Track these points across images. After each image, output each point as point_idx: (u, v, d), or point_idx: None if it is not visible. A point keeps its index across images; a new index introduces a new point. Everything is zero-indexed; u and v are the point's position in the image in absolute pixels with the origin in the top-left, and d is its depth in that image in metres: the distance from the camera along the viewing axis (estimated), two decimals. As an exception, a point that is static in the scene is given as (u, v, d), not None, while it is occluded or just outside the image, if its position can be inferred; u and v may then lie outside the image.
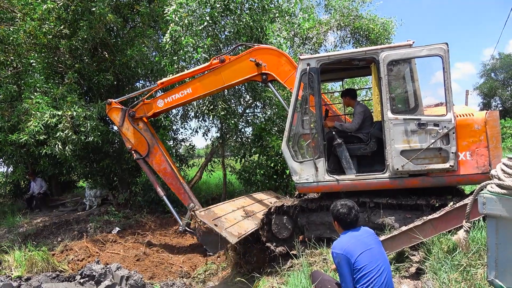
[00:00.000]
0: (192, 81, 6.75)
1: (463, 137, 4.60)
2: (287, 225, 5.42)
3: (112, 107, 7.20)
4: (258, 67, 6.06)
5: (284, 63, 6.02)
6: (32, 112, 7.60)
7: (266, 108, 11.09)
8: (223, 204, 6.20)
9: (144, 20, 9.73)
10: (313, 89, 5.09)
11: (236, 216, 5.79)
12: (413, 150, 4.67)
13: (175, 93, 6.74)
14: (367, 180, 4.96)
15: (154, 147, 7.02)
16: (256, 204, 6.73)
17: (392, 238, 4.18)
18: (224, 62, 6.29)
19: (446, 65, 4.51)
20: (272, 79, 6.17)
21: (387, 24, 13.28)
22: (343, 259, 2.91)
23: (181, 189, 7.01)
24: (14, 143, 8.14)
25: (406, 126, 4.68)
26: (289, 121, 5.22)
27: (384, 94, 4.75)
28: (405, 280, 3.95)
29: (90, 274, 4.79)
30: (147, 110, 6.98)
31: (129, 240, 7.85)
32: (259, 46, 6.32)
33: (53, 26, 8.56)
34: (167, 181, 7.10)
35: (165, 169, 7.04)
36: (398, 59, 4.80)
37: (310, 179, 5.14)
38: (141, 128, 7.05)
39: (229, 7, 8.33)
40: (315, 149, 5.14)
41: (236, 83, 6.63)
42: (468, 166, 4.62)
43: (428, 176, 4.74)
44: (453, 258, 3.67)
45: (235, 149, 11.09)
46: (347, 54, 5.08)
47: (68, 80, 8.72)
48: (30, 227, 9.16)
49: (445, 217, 4.03)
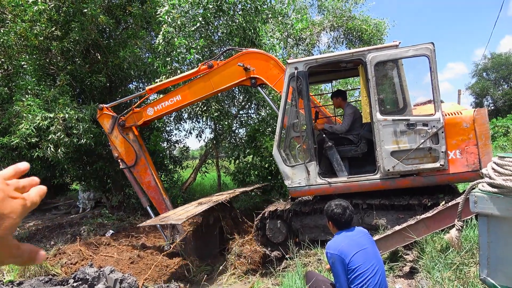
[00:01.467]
0: (181, 87, 6.71)
1: (452, 136, 4.63)
2: (281, 230, 5.42)
3: (103, 113, 7.09)
4: (246, 72, 6.03)
5: (273, 67, 6.00)
6: (23, 115, 7.52)
7: (260, 109, 11.10)
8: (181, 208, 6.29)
9: (137, 22, 9.67)
10: (301, 93, 5.08)
11: (188, 209, 5.88)
12: (403, 151, 4.69)
13: (164, 101, 6.70)
14: (359, 182, 4.97)
15: (141, 159, 6.95)
16: (216, 196, 6.77)
17: (386, 237, 4.20)
18: (212, 68, 6.23)
19: (433, 65, 4.55)
20: (261, 83, 6.16)
21: (379, 25, 13.38)
22: (337, 259, 2.91)
23: (162, 205, 6.99)
24: (5, 146, 8.05)
25: (395, 127, 4.70)
26: (279, 126, 5.22)
27: (372, 95, 4.77)
28: (399, 279, 3.97)
29: (83, 278, 4.75)
30: (137, 119, 6.91)
31: (123, 242, 7.79)
32: (247, 50, 6.29)
33: (44, 27, 8.48)
34: (149, 194, 7.05)
35: (149, 183, 6.99)
36: (385, 60, 4.82)
37: (302, 183, 5.12)
38: (130, 138, 6.98)
39: (221, 8, 8.32)
40: (306, 153, 5.15)
41: (225, 88, 6.59)
42: (458, 165, 4.66)
43: (419, 176, 4.77)
44: (446, 257, 3.70)
45: (229, 150, 11.08)
46: (335, 56, 5.08)
47: (60, 82, 8.64)
48: (23, 231, 9.06)
49: (437, 216, 4.07)
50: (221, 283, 5.53)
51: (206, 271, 6.03)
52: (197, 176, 12.93)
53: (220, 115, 9.21)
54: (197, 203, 6.40)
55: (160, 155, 11.43)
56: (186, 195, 11.76)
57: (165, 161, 11.79)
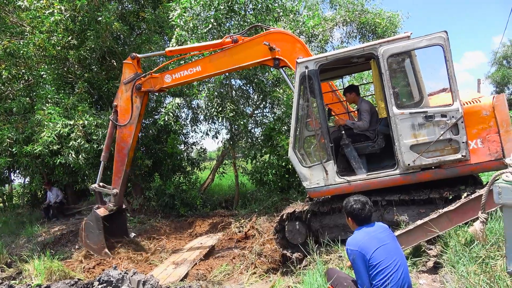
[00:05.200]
0: (202, 59, 6.59)
1: (472, 125, 4.50)
2: (301, 231, 5.34)
3: (131, 63, 6.88)
4: (271, 52, 5.85)
5: (299, 50, 5.81)
6: (45, 123, 7.75)
7: (275, 107, 11.08)
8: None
9: (150, 27, 9.82)
10: (314, 92, 5.00)
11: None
12: (423, 144, 4.58)
13: (183, 70, 6.53)
14: (378, 178, 4.86)
15: (131, 126, 6.90)
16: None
17: (408, 232, 4.13)
18: (237, 43, 6.10)
19: (448, 54, 4.43)
20: (284, 65, 5.97)
21: (393, 17, 13.13)
22: (358, 256, 2.88)
23: (120, 173, 7.01)
24: (29, 154, 8.31)
25: (413, 120, 4.59)
26: (293, 126, 5.12)
27: (387, 89, 4.67)
28: (422, 274, 3.90)
29: (107, 280, 4.84)
30: (154, 84, 6.73)
31: (145, 245, 7.92)
32: (274, 30, 6.14)
33: (61, 37, 8.71)
34: (116, 158, 7.03)
35: (123, 149, 6.96)
36: (398, 52, 4.70)
37: (320, 183, 5.02)
38: (136, 103, 6.86)
39: (233, 8, 8.35)
40: (322, 152, 5.04)
41: (247, 66, 6.44)
42: (480, 154, 4.52)
43: (441, 168, 4.65)
44: (471, 251, 3.60)
45: (246, 150, 11.11)
46: (345, 52, 4.95)
47: (78, 90, 8.86)
48: (48, 236, 9.32)
49: (460, 209, 3.97)
50: (242, 283, 5.54)
51: (226, 271, 6.06)
52: (215, 177, 13.01)
53: (235, 115, 9.23)
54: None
55: (178, 157, 11.58)
56: (205, 196, 11.86)
57: (183, 163, 11.93)
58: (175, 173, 11.81)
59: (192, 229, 9.06)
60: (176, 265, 6.35)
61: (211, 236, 8.16)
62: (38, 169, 10.19)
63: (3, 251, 7.73)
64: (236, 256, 6.69)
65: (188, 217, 10.06)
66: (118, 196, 7.04)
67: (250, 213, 9.29)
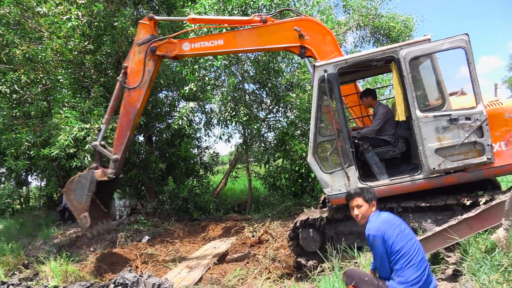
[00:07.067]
0: (226, 32, 6.41)
1: (496, 127, 4.46)
2: (315, 238, 5.27)
3: (147, 24, 6.44)
4: (300, 39, 5.63)
5: (328, 42, 5.61)
6: (61, 127, 7.87)
7: (288, 112, 11.05)
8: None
9: (164, 32, 9.92)
10: (333, 96, 4.91)
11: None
12: (448, 147, 4.53)
13: (204, 41, 6.20)
14: (402, 183, 4.77)
15: (141, 90, 6.49)
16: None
17: (426, 239, 4.04)
18: (266, 23, 5.85)
19: (470, 56, 4.39)
20: (310, 55, 5.75)
21: (408, 21, 13.03)
22: (379, 240, 3.05)
23: (123, 139, 6.58)
24: (46, 157, 8.44)
25: (437, 123, 4.54)
26: (313, 132, 4.98)
27: (409, 92, 4.61)
28: (442, 282, 3.81)
29: (123, 283, 4.87)
30: (170, 50, 6.36)
31: (159, 248, 7.96)
32: (306, 17, 5.93)
33: (78, 42, 8.87)
34: (120, 122, 6.64)
35: (129, 113, 6.57)
36: (420, 55, 4.66)
37: (342, 189, 4.88)
38: (148, 66, 6.45)
39: (246, 12, 8.37)
40: (343, 157, 4.92)
41: (273, 49, 6.29)
42: (505, 157, 4.48)
43: (465, 172, 4.58)
44: (492, 258, 3.52)
45: (259, 155, 11.09)
46: (365, 55, 4.88)
47: (94, 94, 8.99)
48: (64, 238, 9.45)
49: (481, 215, 3.88)
50: (256, 287, 5.51)
51: (240, 276, 6.04)
52: (228, 181, 13.02)
53: (248, 119, 9.24)
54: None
55: (191, 161, 11.62)
56: (218, 200, 11.87)
57: (196, 167, 11.97)
58: (189, 177, 11.85)
59: (206, 233, 9.06)
60: (190, 268, 6.37)
61: (225, 240, 8.16)
62: (54, 172, 10.34)
63: (21, 252, 7.86)
64: (249, 260, 6.66)
65: (201, 221, 10.08)
66: (118, 163, 6.60)
67: (263, 217, 9.26)
